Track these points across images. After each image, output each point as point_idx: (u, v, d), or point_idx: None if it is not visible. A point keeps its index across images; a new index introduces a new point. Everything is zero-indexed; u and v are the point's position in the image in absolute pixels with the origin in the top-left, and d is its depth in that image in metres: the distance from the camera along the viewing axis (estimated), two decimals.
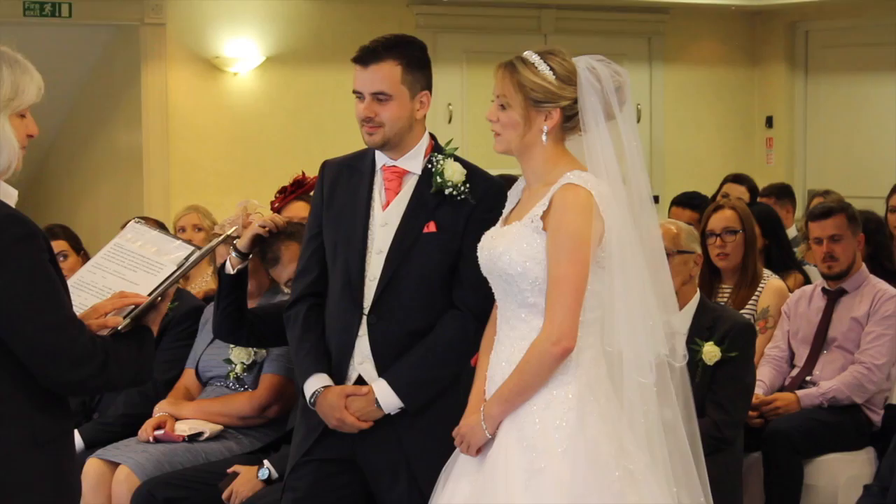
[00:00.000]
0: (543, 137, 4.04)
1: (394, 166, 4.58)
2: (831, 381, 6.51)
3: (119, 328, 3.63)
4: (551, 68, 4.03)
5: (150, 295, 3.72)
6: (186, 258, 3.82)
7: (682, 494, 4.07)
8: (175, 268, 3.79)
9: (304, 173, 7.13)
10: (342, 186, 4.65)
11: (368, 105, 4.50)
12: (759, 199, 9.37)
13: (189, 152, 11.68)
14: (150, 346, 3.75)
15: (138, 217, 4.07)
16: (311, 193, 6.91)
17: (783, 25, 13.93)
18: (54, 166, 12.55)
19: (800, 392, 6.51)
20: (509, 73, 4.07)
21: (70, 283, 3.73)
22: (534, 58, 4.06)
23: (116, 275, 3.81)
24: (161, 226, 6.04)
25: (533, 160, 4.10)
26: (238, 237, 5.84)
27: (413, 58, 4.55)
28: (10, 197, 3.59)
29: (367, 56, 4.53)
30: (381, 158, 4.60)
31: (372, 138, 4.53)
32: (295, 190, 6.99)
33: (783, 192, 9.77)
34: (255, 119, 11.91)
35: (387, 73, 4.50)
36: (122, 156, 11.90)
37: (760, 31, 14.10)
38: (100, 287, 3.79)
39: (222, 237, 4.27)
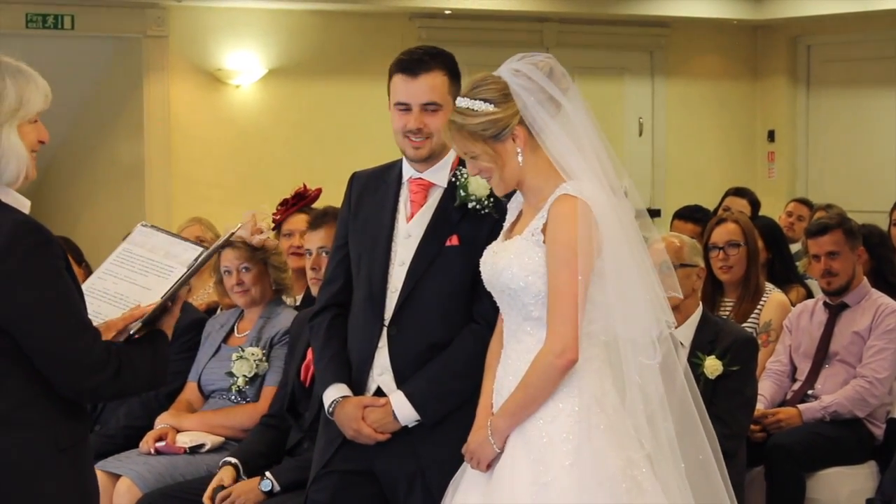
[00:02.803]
0: (519, 159, 4.03)
1: (420, 178, 4.55)
2: (833, 395, 6.50)
3: (132, 332, 3.64)
4: (485, 100, 3.99)
5: (160, 299, 3.72)
6: (196, 259, 3.82)
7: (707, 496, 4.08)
8: (185, 269, 3.79)
9: (304, 186, 7.13)
10: (369, 197, 4.63)
11: (417, 116, 4.44)
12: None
13: (191, 164, 11.69)
14: (165, 349, 3.76)
15: (145, 221, 4.07)
16: (312, 206, 6.95)
17: (785, 40, 13.95)
18: (56, 178, 12.54)
19: (802, 406, 6.50)
20: (456, 130, 4.03)
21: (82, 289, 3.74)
22: (464, 102, 4.01)
23: (128, 280, 3.82)
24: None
25: (525, 182, 4.07)
26: (241, 241, 5.94)
27: (454, 67, 4.53)
28: (24, 206, 3.60)
29: (415, 66, 4.46)
30: (407, 170, 4.58)
31: (419, 152, 4.47)
32: (296, 202, 6.99)
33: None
34: (257, 131, 11.92)
35: (436, 83, 4.45)
36: (124, 168, 11.90)
37: (762, 45, 14.11)
38: (112, 294, 3.80)
39: (227, 235, 4.23)
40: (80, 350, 3.49)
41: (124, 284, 3.80)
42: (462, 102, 4.02)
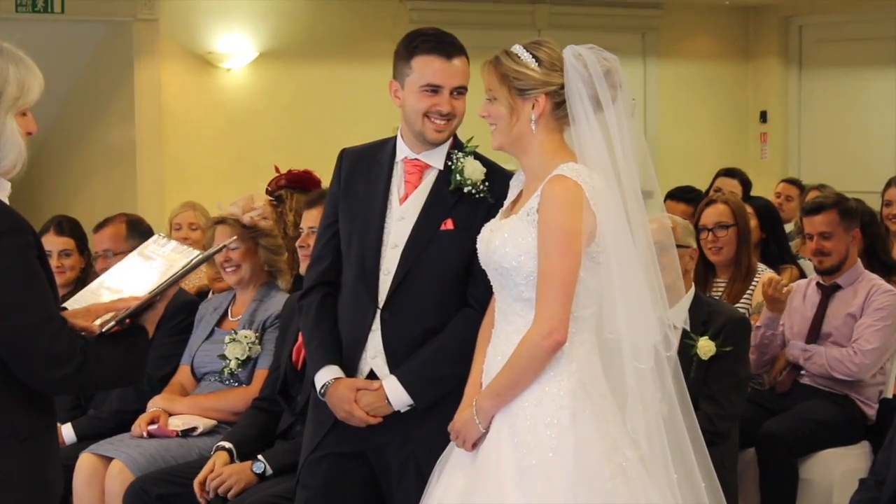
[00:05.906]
0: (532, 126, 4.02)
1: (416, 159, 4.51)
2: (819, 347, 6.53)
3: (104, 330, 3.58)
4: (535, 57, 4.02)
5: (147, 294, 3.69)
6: (190, 261, 3.81)
7: (682, 485, 4.05)
8: (177, 269, 3.77)
9: (276, 169, 7.08)
10: (361, 176, 4.58)
11: (448, 99, 4.41)
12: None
13: (182, 148, 11.67)
14: (143, 345, 3.70)
15: (161, 234, 4.06)
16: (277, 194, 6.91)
17: (777, 20, 13.94)
18: (47, 163, 12.52)
19: (789, 346, 6.58)
20: (493, 67, 4.07)
21: (89, 288, 3.76)
22: (517, 49, 4.07)
23: (127, 275, 3.80)
24: None
25: (528, 154, 4.07)
26: (233, 218, 5.94)
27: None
28: (3, 189, 3.57)
29: (450, 49, 4.42)
30: (402, 150, 4.53)
31: (441, 135, 4.44)
32: (292, 181, 6.94)
33: None
34: (248, 115, 11.90)
35: (466, 68, 4.45)
36: (115, 152, 11.89)
37: (754, 25, 14.10)
38: (105, 286, 3.79)
39: (220, 247, 4.28)
40: (43, 341, 3.42)
41: (122, 279, 3.79)
42: (516, 48, 4.06)
